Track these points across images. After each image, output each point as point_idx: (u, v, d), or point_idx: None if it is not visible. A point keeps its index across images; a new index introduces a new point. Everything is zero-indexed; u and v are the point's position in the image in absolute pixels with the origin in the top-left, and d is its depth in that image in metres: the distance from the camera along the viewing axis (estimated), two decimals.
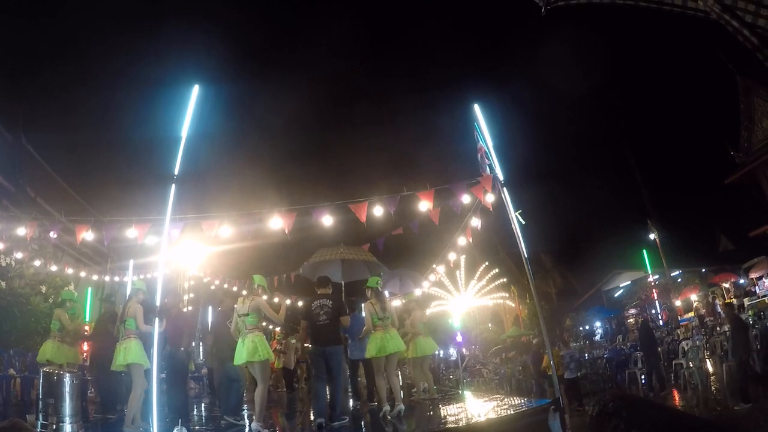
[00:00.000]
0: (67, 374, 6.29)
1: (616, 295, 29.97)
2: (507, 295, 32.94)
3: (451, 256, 9.71)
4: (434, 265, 11.30)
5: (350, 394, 8.74)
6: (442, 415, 6.87)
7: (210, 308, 15.11)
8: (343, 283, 9.75)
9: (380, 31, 59.29)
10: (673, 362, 12.33)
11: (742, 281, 22.10)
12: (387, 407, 6.39)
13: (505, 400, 8.00)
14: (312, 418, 6.58)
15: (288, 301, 15.41)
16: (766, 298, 18.43)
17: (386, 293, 10.35)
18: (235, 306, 6.35)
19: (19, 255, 11.15)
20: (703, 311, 21.63)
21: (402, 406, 6.53)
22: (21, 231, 7.40)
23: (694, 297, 23.46)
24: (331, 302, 6.55)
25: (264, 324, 6.71)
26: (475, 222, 7.62)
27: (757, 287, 20.28)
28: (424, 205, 6.60)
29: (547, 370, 15.77)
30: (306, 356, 17.98)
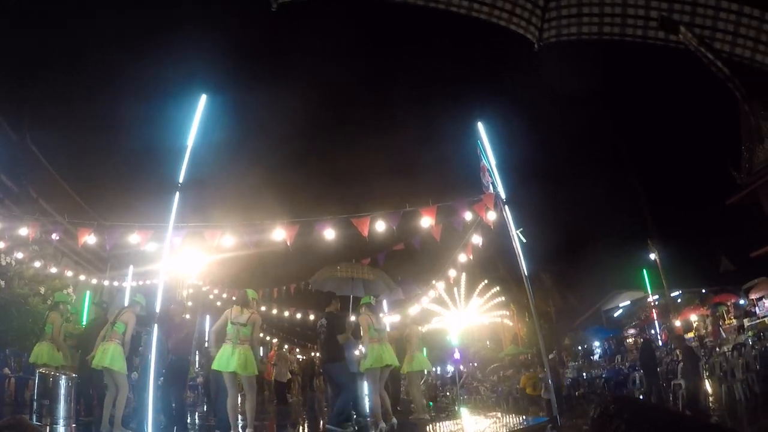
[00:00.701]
0: (63, 376, 6.28)
1: (615, 314, 29.84)
2: (506, 313, 32.84)
3: (451, 273, 9.69)
4: (434, 281, 11.27)
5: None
6: None
7: (207, 317, 15.06)
8: (351, 297, 9.71)
9: (385, 46, 59.80)
10: (672, 382, 12.26)
11: (742, 302, 22.03)
12: (383, 424, 6.35)
13: (502, 418, 7.95)
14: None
15: (286, 313, 15.39)
16: (766, 319, 18.36)
17: (384, 307, 10.33)
18: (229, 312, 6.24)
19: (19, 255, 11.17)
20: (703, 332, 21.53)
21: (395, 421, 6.48)
22: (23, 231, 7.41)
23: (694, 317, 23.37)
24: (326, 321, 6.73)
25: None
26: (476, 239, 7.62)
27: (757, 308, 20.22)
28: (426, 221, 6.62)
29: (526, 389, 16.13)
30: (299, 369, 17.92)
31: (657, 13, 4.39)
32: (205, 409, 11.93)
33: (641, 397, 12.40)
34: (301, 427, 9.08)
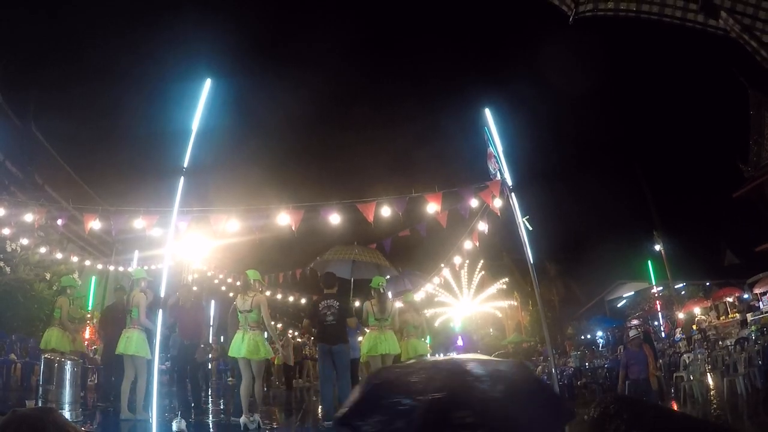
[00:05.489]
0: (69, 361, 6.31)
1: (619, 305, 29.80)
2: (510, 301, 32.88)
3: (456, 260, 9.67)
4: (442, 264, 11.25)
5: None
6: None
7: (213, 302, 15.10)
8: (352, 280, 9.77)
9: (391, 33, 59.39)
10: (674, 375, 12.25)
11: (746, 296, 21.95)
12: None
13: None
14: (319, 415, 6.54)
15: (291, 298, 15.44)
16: None
17: (389, 294, 10.31)
18: (236, 302, 6.38)
19: (24, 241, 11.19)
20: (705, 325, 21.47)
21: None
22: (28, 217, 7.42)
23: (697, 310, 23.32)
24: (338, 303, 6.49)
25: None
26: (482, 226, 7.58)
27: (761, 302, 20.11)
28: (432, 208, 6.58)
29: None
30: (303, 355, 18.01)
31: None
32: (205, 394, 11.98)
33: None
34: (304, 414, 9.12)
